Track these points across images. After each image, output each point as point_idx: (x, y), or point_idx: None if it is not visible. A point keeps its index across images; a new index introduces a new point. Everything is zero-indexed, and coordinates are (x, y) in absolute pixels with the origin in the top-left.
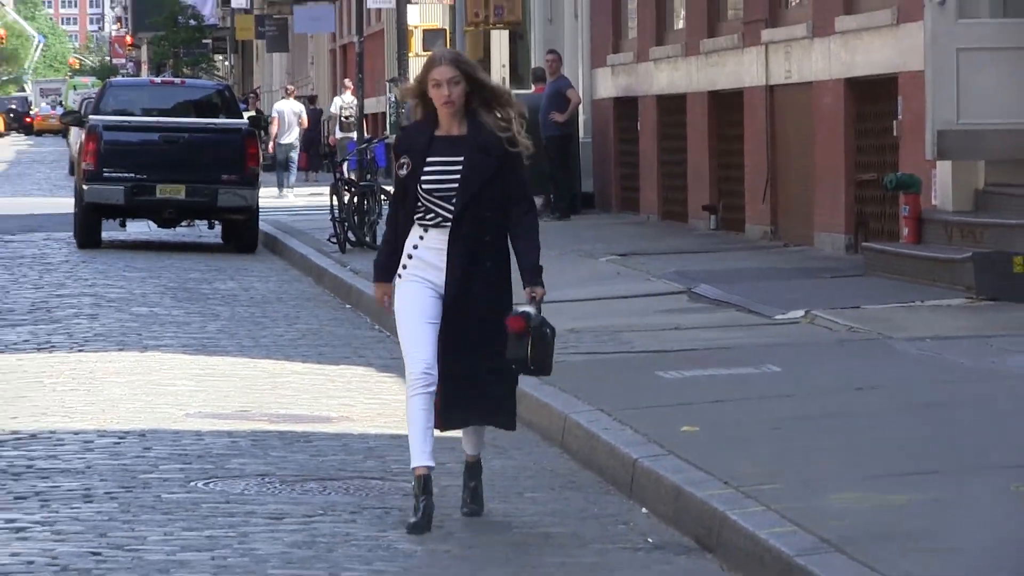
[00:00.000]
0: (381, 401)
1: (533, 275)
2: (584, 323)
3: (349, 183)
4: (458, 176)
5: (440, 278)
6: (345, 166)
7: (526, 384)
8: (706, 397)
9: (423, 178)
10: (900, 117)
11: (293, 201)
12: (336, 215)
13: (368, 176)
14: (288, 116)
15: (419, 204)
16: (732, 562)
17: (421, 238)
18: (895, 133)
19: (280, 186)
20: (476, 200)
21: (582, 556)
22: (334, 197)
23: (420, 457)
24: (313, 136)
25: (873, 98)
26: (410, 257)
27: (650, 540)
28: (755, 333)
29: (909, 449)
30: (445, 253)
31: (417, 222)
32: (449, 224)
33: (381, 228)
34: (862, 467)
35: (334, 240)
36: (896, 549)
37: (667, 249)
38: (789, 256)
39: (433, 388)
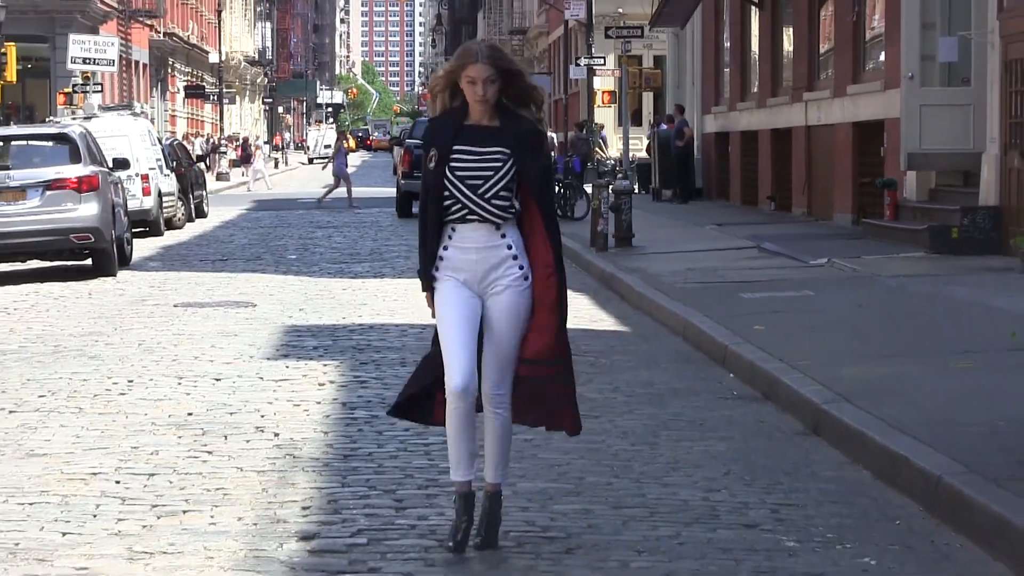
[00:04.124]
0: (576, 310)
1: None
2: (696, 265)
3: (557, 180)
4: (495, 166)
5: (472, 280)
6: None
7: (662, 299)
8: (768, 309)
9: (451, 165)
10: (885, 145)
11: None
12: None
13: (569, 176)
14: None
15: (447, 196)
16: (783, 407)
17: (450, 237)
18: (882, 154)
19: None
20: (539, 192)
21: (695, 402)
22: None
23: (461, 471)
24: None
25: (870, 134)
26: (440, 259)
27: (735, 393)
28: (798, 272)
29: (888, 341)
30: (475, 251)
31: (444, 220)
32: (476, 218)
33: (579, 208)
34: (859, 351)
35: None
36: (881, 400)
37: (745, 222)
38: (818, 227)
39: (472, 398)
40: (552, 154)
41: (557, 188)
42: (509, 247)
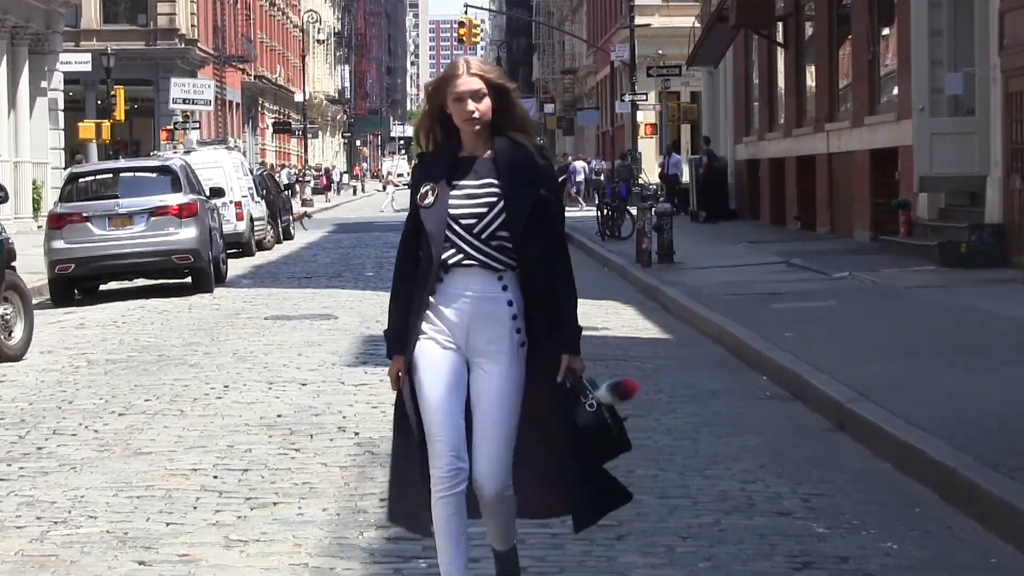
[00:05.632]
0: (624, 320)
1: (572, 339)
2: (730, 278)
3: (606, 203)
4: (490, 202)
5: (459, 334)
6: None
7: (701, 310)
8: (796, 317)
9: (451, 202)
10: (899, 169)
11: (577, 213)
12: (599, 221)
13: (616, 200)
14: (580, 168)
15: (446, 239)
16: (812, 406)
17: (440, 280)
18: (896, 178)
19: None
20: (525, 231)
21: (732, 401)
22: (599, 211)
23: (453, 572)
24: (588, 177)
25: (885, 160)
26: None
27: (767, 393)
28: (822, 284)
29: (905, 345)
30: (468, 300)
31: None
32: (473, 263)
33: (625, 228)
34: (879, 352)
35: (598, 234)
36: (900, 398)
37: (774, 239)
38: (839, 243)
39: (463, 486)
40: (602, 179)
41: (605, 211)
42: (510, 303)
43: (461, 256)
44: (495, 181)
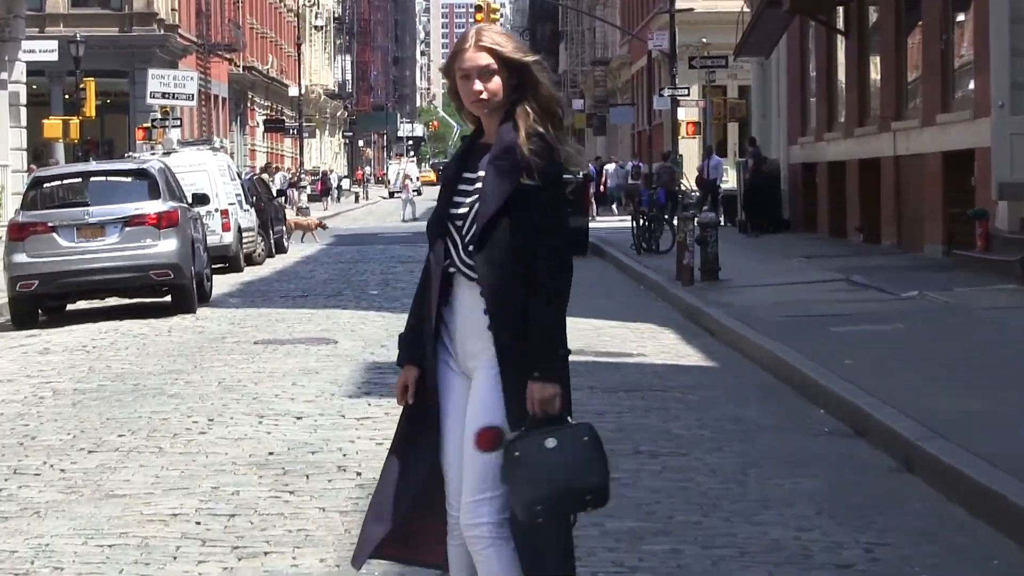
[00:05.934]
0: (662, 345)
1: (540, 361)
2: (784, 298)
3: (642, 213)
4: (471, 202)
5: (455, 354)
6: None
7: (750, 334)
8: (858, 342)
9: (452, 199)
10: (976, 174)
11: (606, 224)
12: (635, 232)
13: (653, 209)
14: (612, 171)
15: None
16: (875, 443)
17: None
18: (973, 184)
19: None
20: (487, 231)
21: (785, 438)
22: (634, 221)
23: None
24: (622, 183)
25: (959, 163)
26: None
27: (826, 429)
28: (888, 305)
29: (982, 375)
30: (457, 312)
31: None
32: (453, 269)
33: (664, 241)
34: (953, 385)
35: (633, 247)
36: (976, 436)
37: (833, 253)
38: (907, 258)
39: None
40: (639, 183)
41: (641, 221)
42: (487, 313)
43: (448, 262)
44: (483, 175)
